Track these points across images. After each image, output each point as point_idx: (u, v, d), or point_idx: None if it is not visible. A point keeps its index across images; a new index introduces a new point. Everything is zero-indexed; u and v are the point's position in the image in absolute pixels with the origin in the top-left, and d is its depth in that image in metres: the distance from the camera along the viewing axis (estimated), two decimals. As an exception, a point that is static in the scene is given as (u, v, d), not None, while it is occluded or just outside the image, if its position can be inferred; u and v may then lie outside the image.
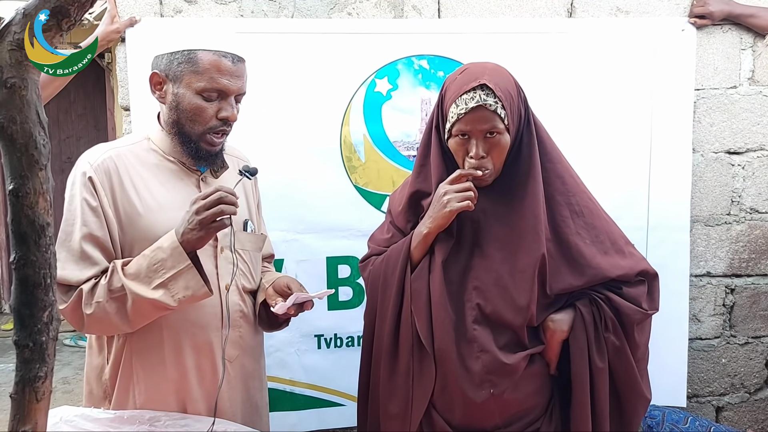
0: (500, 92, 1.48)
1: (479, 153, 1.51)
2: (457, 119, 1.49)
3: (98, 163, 1.54)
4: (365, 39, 2.32)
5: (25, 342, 0.90)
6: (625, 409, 1.60)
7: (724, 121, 2.58)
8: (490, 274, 1.55)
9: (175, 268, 1.43)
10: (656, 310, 1.64)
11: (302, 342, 2.41)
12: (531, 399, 1.57)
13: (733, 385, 2.74)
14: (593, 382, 1.54)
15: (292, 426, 2.41)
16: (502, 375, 1.50)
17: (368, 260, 1.76)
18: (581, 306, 1.55)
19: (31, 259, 0.87)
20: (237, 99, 1.59)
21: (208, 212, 1.42)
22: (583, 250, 1.55)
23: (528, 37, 2.39)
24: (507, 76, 1.56)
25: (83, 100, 5.88)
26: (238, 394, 1.68)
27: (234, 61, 1.56)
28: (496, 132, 1.49)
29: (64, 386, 4.13)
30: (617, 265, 1.57)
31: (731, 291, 2.67)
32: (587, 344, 1.54)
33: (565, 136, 2.40)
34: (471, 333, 1.52)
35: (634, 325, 1.57)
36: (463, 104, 1.48)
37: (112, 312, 1.47)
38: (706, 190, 2.61)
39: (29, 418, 0.91)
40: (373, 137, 2.35)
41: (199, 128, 1.56)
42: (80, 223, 1.51)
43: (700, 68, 2.52)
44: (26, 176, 0.85)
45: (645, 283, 1.63)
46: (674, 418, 2.35)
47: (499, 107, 1.47)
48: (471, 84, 1.48)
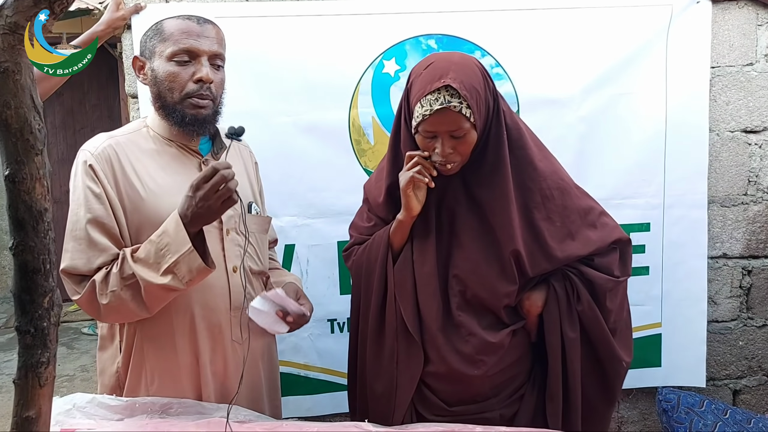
0: (465, 91, 1.46)
1: (446, 151, 1.52)
2: (422, 120, 1.49)
3: (99, 151, 1.54)
4: (372, 19, 2.30)
5: (26, 328, 0.90)
6: (606, 372, 1.68)
7: (740, 99, 2.53)
8: (468, 263, 1.61)
9: (178, 252, 1.43)
10: (628, 275, 1.73)
11: (315, 326, 2.41)
12: (514, 367, 1.67)
13: (751, 368, 2.70)
14: (566, 351, 1.63)
15: (306, 410, 2.42)
16: (490, 352, 1.60)
17: (351, 249, 1.82)
18: (554, 282, 1.64)
19: (29, 244, 0.87)
20: (214, 62, 1.58)
21: (209, 185, 1.40)
22: (554, 236, 1.61)
23: (539, 13, 2.35)
24: (473, 69, 1.53)
25: (97, 91, 5.88)
26: (248, 376, 1.68)
27: (199, 22, 1.56)
28: (463, 133, 1.50)
29: (82, 374, 4.18)
30: (588, 241, 1.64)
31: (748, 272, 2.63)
32: (559, 317, 1.63)
33: (577, 114, 2.40)
34: (457, 319, 1.61)
35: (606, 293, 1.65)
36: (427, 105, 1.47)
37: (128, 299, 1.47)
38: (722, 170, 2.56)
39: (33, 404, 0.91)
40: (382, 119, 2.33)
41: (177, 95, 1.55)
42: (85, 210, 1.51)
43: (715, 45, 2.47)
44: (22, 161, 0.85)
45: (617, 250, 1.70)
46: (690, 402, 2.33)
47: (464, 107, 1.47)
48: (435, 84, 1.46)
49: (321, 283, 2.41)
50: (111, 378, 1.64)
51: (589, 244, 1.64)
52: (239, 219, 1.64)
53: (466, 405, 1.65)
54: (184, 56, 1.54)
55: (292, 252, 2.36)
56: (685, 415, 2.28)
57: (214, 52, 1.57)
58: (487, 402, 1.64)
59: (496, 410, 1.64)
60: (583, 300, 1.63)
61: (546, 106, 2.38)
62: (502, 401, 1.66)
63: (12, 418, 0.92)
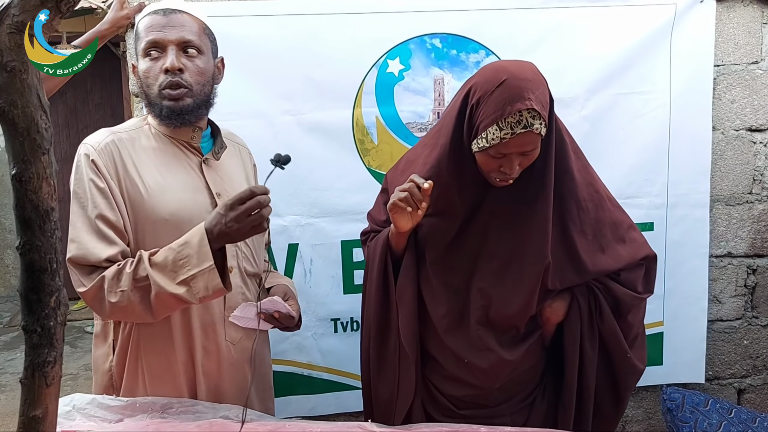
0: (544, 111, 1.40)
1: (515, 170, 1.45)
2: (500, 142, 1.40)
3: (101, 147, 1.53)
4: (376, 18, 2.29)
5: (33, 327, 0.89)
6: (619, 381, 1.68)
7: (745, 97, 2.52)
8: (495, 278, 1.57)
9: (199, 266, 1.41)
10: (651, 293, 1.69)
11: (319, 326, 2.41)
12: (527, 373, 1.66)
13: (755, 367, 2.69)
14: (582, 367, 1.62)
15: (310, 410, 2.42)
16: (506, 368, 1.59)
17: (368, 235, 1.79)
18: (578, 295, 1.60)
19: (36, 244, 0.87)
20: (185, 50, 1.55)
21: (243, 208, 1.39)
22: (585, 250, 1.58)
23: (543, 12, 2.35)
24: (544, 85, 1.45)
25: (100, 90, 5.89)
26: (241, 377, 1.68)
27: (165, 13, 1.55)
28: (536, 150, 1.45)
29: (86, 373, 4.19)
30: (618, 257, 1.61)
31: (753, 271, 2.62)
32: (580, 332, 1.60)
33: (581, 114, 2.39)
34: (475, 333, 1.58)
35: (629, 310, 1.63)
36: (508, 129, 1.38)
37: (136, 301, 1.45)
38: (726, 168, 2.55)
39: (39, 403, 0.91)
40: (386, 119, 2.33)
41: (155, 90, 1.54)
42: (91, 204, 1.50)
43: (720, 43, 2.46)
44: (29, 161, 0.85)
45: (643, 267, 1.67)
46: (695, 401, 2.32)
47: (543, 128, 1.41)
48: (517, 106, 1.37)
49: (324, 282, 2.40)
50: (104, 376, 1.63)
51: (620, 260, 1.61)
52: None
53: (477, 409, 1.63)
54: (153, 50, 1.53)
55: (296, 251, 2.36)
56: (690, 414, 2.27)
57: (183, 40, 1.54)
58: (498, 407, 1.63)
59: (507, 416, 1.63)
60: (605, 318, 1.61)
61: (550, 105, 2.37)
62: (514, 406, 1.65)
63: (19, 417, 0.92)
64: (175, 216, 1.54)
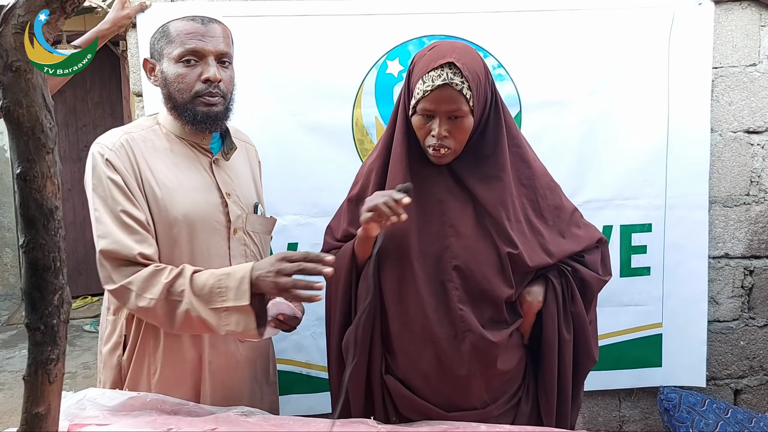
0: (467, 72, 1.46)
1: (441, 133, 1.50)
2: (423, 96, 1.48)
3: (116, 146, 1.55)
4: (376, 20, 2.31)
5: (36, 325, 0.90)
6: (578, 370, 1.70)
7: (742, 99, 2.53)
8: (468, 252, 1.56)
9: (235, 301, 1.42)
10: (610, 275, 1.74)
11: (318, 325, 2.41)
12: (511, 371, 1.64)
13: (752, 368, 2.71)
14: (561, 351, 1.64)
15: (308, 408, 2.43)
16: (488, 352, 1.56)
17: None
18: (552, 277, 1.63)
19: (40, 242, 0.87)
20: (222, 61, 1.59)
21: (294, 266, 1.39)
22: (549, 234, 1.63)
23: (541, 15, 2.36)
24: (476, 57, 1.54)
25: (99, 89, 5.88)
26: (247, 373, 1.70)
27: (204, 23, 1.57)
28: (460, 115, 1.49)
29: (84, 371, 4.19)
30: (578, 239, 1.67)
31: (750, 273, 2.63)
32: (557, 314, 1.63)
33: (579, 116, 2.40)
34: (457, 313, 1.54)
35: (595, 293, 1.69)
36: (429, 81, 1.46)
37: (162, 312, 1.46)
38: (724, 170, 2.57)
39: (42, 400, 0.92)
40: (385, 119, 2.33)
41: (186, 95, 1.56)
42: (114, 202, 1.51)
43: (718, 46, 2.48)
44: (33, 160, 0.85)
45: (599, 250, 1.73)
46: (691, 401, 2.33)
47: (465, 87, 1.46)
48: (439, 61, 1.46)
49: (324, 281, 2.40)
50: (113, 371, 1.64)
51: (580, 241, 1.67)
52: (245, 219, 1.66)
53: (465, 411, 1.60)
54: (191, 57, 1.55)
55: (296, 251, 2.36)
56: (686, 415, 2.28)
57: (220, 51, 1.58)
58: (486, 409, 1.61)
59: (494, 418, 1.61)
60: (576, 301, 1.64)
61: (548, 107, 2.39)
62: (500, 407, 1.63)
63: (22, 413, 0.93)
64: (188, 216, 1.56)
